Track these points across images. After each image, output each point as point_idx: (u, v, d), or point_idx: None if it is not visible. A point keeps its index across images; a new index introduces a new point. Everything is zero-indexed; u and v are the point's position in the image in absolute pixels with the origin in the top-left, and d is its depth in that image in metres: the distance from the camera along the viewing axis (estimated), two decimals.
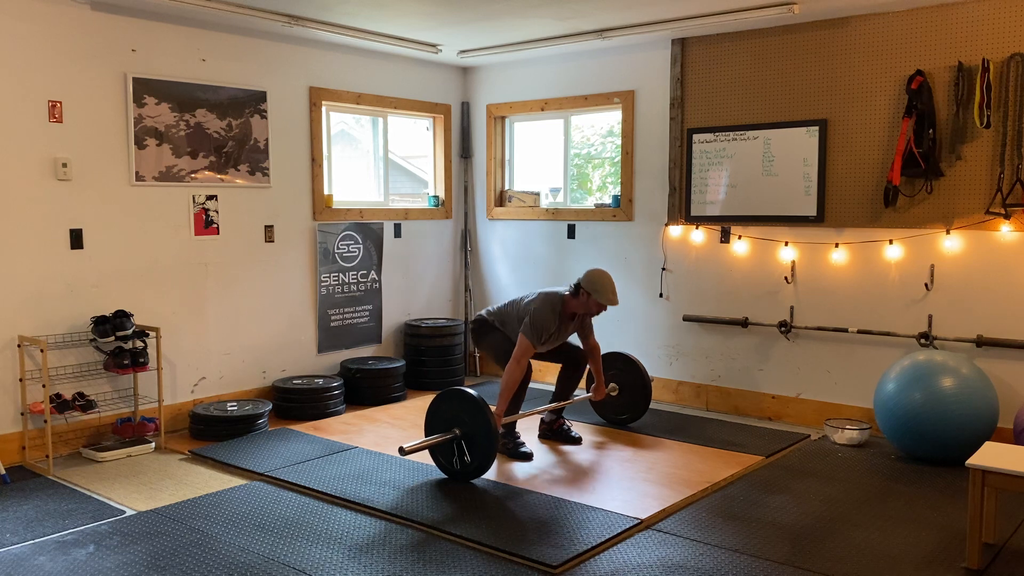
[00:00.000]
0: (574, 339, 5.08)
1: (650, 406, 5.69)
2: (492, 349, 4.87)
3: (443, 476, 4.35)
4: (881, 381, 4.73)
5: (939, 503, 4.00)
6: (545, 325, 4.62)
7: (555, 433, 5.06)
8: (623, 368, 5.32)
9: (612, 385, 5.33)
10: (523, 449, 4.70)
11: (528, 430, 5.14)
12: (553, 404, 5.01)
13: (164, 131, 5.17)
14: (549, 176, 6.94)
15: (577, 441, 5.00)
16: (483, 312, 4.98)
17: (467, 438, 4.24)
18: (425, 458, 4.66)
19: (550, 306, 4.66)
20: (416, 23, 5.52)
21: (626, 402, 5.34)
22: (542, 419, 5.14)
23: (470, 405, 4.23)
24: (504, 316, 4.86)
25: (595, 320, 6.36)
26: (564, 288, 4.75)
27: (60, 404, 4.64)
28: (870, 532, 3.66)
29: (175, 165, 5.24)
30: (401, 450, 4.14)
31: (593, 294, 4.57)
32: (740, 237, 5.70)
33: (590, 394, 5.17)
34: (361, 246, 6.36)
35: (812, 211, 5.38)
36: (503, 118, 7.03)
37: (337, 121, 6.49)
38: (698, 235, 5.88)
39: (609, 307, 4.68)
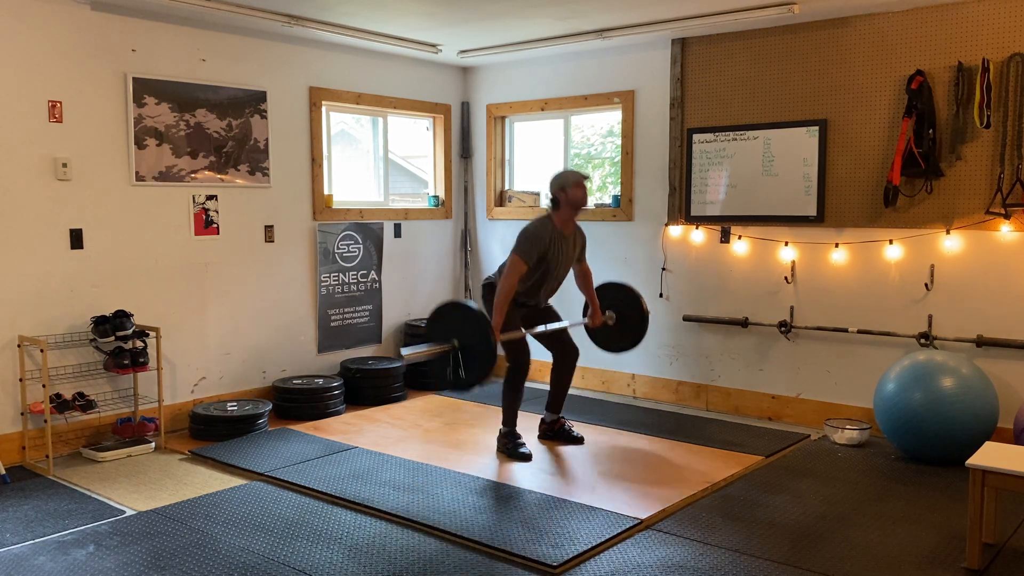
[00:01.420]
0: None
1: (650, 403, 5.70)
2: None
3: (443, 476, 4.35)
4: (881, 381, 4.73)
5: (939, 503, 4.00)
6: (538, 236, 4.60)
7: (556, 433, 5.06)
8: (622, 299, 5.26)
9: (609, 314, 5.24)
10: (522, 450, 4.70)
11: (528, 430, 5.14)
12: (551, 393, 5.03)
13: (164, 131, 5.17)
14: (549, 176, 6.92)
15: (579, 441, 5.00)
16: (491, 275, 4.95)
17: (464, 351, 4.26)
18: (425, 458, 4.66)
19: (539, 222, 4.69)
20: (416, 23, 5.53)
21: (623, 332, 5.28)
22: (542, 419, 5.13)
23: (472, 319, 4.25)
24: (503, 268, 4.85)
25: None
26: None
27: (60, 404, 4.64)
28: (870, 532, 3.66)
29: (175, 165, 5.24)
30: (400, 354, 4.20)
31: (565, 188, 4.67)
32: (740, 237, 5.70)
33: (586, 320, 5.15)
34: (361, 246, 6.36)
35: (812, 211, 5.38)
36: (503, 118, 7.03)
37: (337, 121, 6.49)
38: (698, 235, 5.88)
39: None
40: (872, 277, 5.22)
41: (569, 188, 4.69)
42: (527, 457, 4.66)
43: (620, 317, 5.27)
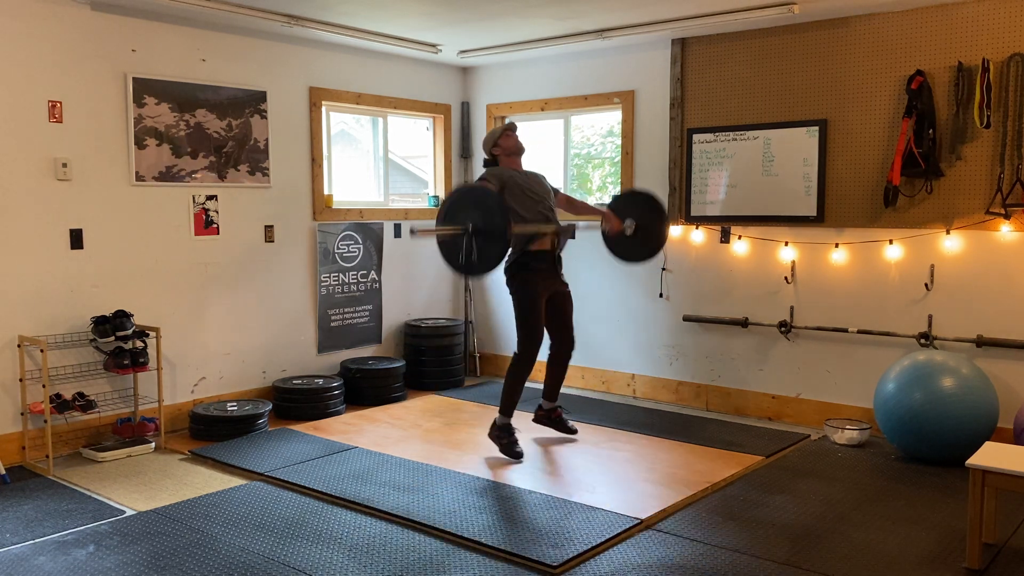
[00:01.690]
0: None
1: (650, 403, 5.69)
2: (522, 309, 4.75)
3: (443, 476, 4.35)
4: (881, 381, 4.73)
5: (939, 503, 4.00)
6: (492, 172, 4.75)
7: (552, 421, 5.06)
8: (646, 211, 5.10)
9: (629, 223, 5.06)
10: (516, 448, 4.67)
11: (524, 430, 5.14)
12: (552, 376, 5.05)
13: (164, 131, 5.17)
14: (549, 176, 6.91)
15: (572, 432, 5.02)
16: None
17: (478, 235, 4.27)
18: (425, 458, 4.66)
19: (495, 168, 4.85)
20: (416, 23, 5.53)
21: (638, 243, 5.14)
22: (540, 405, 5.13)
23: (489, 204, 4.28)
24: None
25: (594, 323, 6.38)
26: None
27: (60, 404, 4.64)
28: (870, 532, 3.66)
29: (175, 165, 5.24)
30: (412, 231, 4.20)
31: (498, 142, 4.82)
32: (740, 237, 5.70)
33: (604, 227, 5.10)
34: (361, 246, 6.36)
35: (812, 211, 5.38)
36: (503, 118, 7.03)
37: (337, 121, 6.49)
38: (698, 235, 5.88)
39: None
40: (872, 277, 5.22)
41: (500, 139, 4.84)
42: (519, 456, 4.63)
43: (639, 227, 5.08)
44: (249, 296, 5.67)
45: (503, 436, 4.72)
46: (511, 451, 4.67)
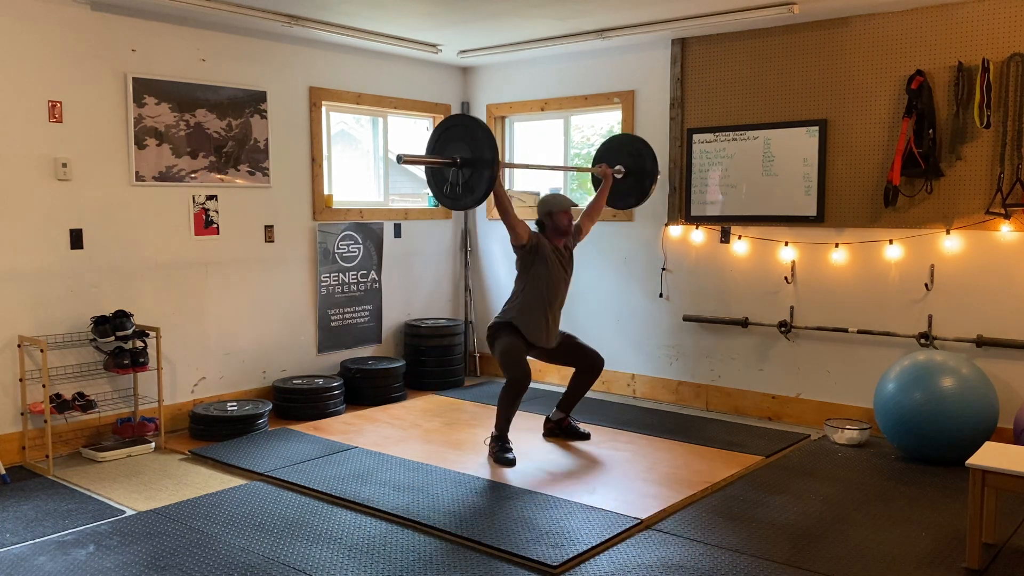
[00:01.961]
0: (590, 343, 5.18)
1: (650, 403, 5.68)
2: (500, 351, 4.73)
3: (443, 476, 4.35)
4: (881, 381, 4.73)
5: (939, 503, 4.00)
6: (536, 235, 4.76)
7: (563, 431, 5.06)
8: (636, 156, 5.43)
9: (619, 168, 5.41)
10: (508, 455, 4.59)
11: (528, 430, 5.14)
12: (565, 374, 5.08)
13: (164, 131, 5.17)
14: (549, 176, 6.94)
15: (586, 436, 5.01)
16: (496, 317, 4.89)
17: (464, 166, 4.35)
18: (425, 458, 4.66)
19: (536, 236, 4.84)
20: (416, 23, 5.53)
21: (629, 187, 5.46)
22: (548, 417, 5.13)
23: (480, 137, 4.34)
24: (506, 304, 4.87)
25: (593, 323, 6.38)
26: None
27: (60, 404, 4.64)
28: (870, 532, 3.66)
29: (175, 165, 5.24)
30: (399, 158, 4.28)
31: (552, 213, 4.78)
32: (740, 237, 5.70)
33: (598, 173, 5.35)
34: (361, 246, 6.36)
35: (812, 211, 5.38)
36: (503, 118, 7.03)
37: (337, 121, 6.49)
38: (698, 235, 5.88)
39: (574, 222, 4.91)
40: (872, 277, 5.22)
41: (556, 214, 4.80)
42: (511, 463, 4.55)
43: (629, 172, 5.43)
44: (249, 296, 5.67)
45: (496, 446, 4.66)
46: (503, 458, 4.58)
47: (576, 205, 4.90)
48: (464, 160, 4.39)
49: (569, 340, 5.01)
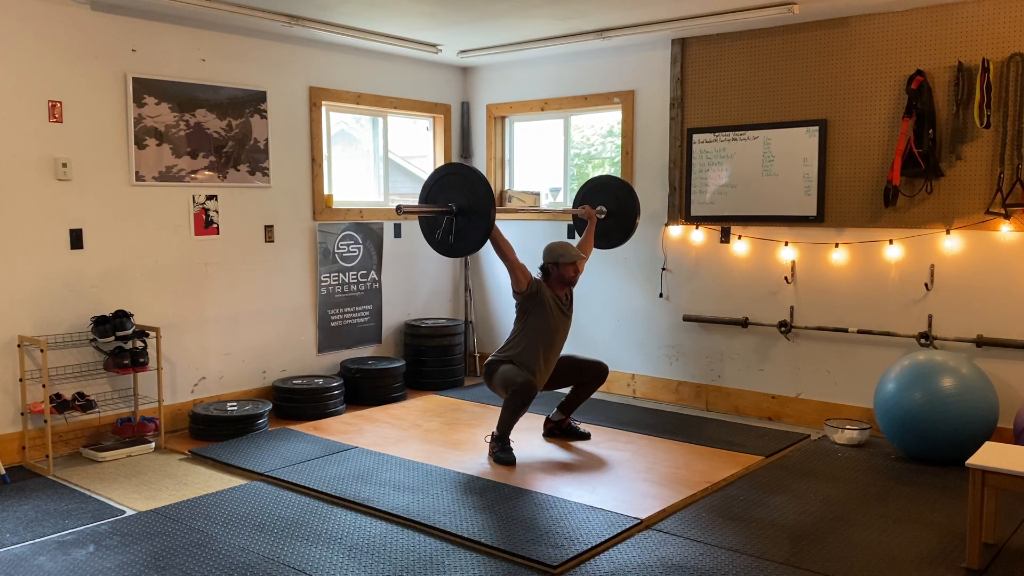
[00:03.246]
0: (591, 354, 5.26)
1: (650, 403, 5.67)
2: (501, 374, 4.71)
3: (443, 476, 4.35)
4: (881, 381, 4.73)
5: (939, 503, 4.00)
6: (539, 281, 4.76)
7: (563, 431, 5.06)
8: (622, 201, 5.51)
9: (600, 208, 5.50)
10: (508, 455, 4.58)
11: (528, 430, 5.14)
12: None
13: (164, 131, 5.17)
14: (549, 176, 6.94)
15: (586, 436, 5.01)
16: (495, 355, 4.86)
17: (460, 215, 4.42)
18: (425, 458, 4.66)
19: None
20: (416, 23, 5.53)
21: (609, 227, 5.55)
22: (548, 417, 5.13)
23: (476, 188, 4.39)
24: (504, 344, 4.85)
25: (593, 323, 6.38)
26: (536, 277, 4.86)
27: (60, 404, 4.64)
28: (870, 532, 3.66)
29: (175, 165, 5.24)
30: (398, 209, 4.35)
31: (558, 263, 4.75)
32: (740, 237, 5.70)
33: (581, 211, 5.39)
34: (361, 246, 6.36)
35: (812, 211, 5.38)
36: (503, 118, 7.03)
37: (337, 121, 6.49)
38: (698, 235, 5.88)
39: (580, 272, 4.85)
40: (872, 277, 5.22)
41: (563, 266, 4.77)
42: (511, 462, 4.55)
43: (611, 213, 5.52)
44: (249, 296, 5.67)
45: (496, 446, 4.66)
46: (502, 457, 4.58)
47: (584, 257, 4.85)
48: (460, 209, 4.48)
49: (567, 361, 4.97)
